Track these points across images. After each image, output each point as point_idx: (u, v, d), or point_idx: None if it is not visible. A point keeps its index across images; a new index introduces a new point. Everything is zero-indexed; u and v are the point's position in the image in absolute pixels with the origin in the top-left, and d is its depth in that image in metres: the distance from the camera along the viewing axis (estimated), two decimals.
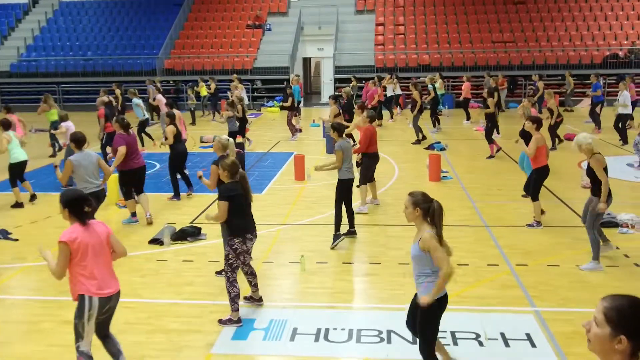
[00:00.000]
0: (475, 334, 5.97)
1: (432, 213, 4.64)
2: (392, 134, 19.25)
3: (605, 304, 2.41)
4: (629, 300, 2.38)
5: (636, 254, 8.04)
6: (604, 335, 2.37)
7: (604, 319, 2.37)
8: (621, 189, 11.69)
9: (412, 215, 4.70)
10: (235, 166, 6.30)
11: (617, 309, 2.36)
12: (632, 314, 2.34)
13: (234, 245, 6.19)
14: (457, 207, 10.48)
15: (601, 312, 2.40)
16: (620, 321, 2.33)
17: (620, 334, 2.32)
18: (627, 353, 2.33)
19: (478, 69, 26.87)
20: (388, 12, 30.69)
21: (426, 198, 4.69)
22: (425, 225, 4.66)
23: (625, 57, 26.42)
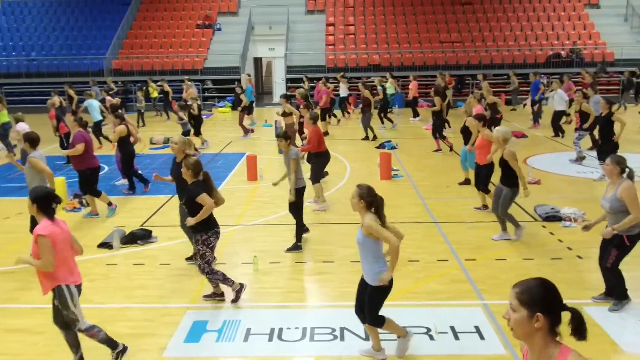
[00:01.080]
0: (426, 328, 6.09)
1: (376, 206, 5.10)
2: (344, 133, 19.38)
3: (516, 289, 2.60)
4: (536, 281, 2.60)
5: (579, 247, 8.34)
6: (523, 318, 2.55)
7: (518, 303, 2.56)
8: (564, 184, 12.12)
9: (357, 206, 5.14)
10: (199, 165, 6.52)
11: (527, 291, 2.56)
12: (541, 291, 2.55)
13: (210, 244, 6.52)
14: (407, 204, 10.65)
15: (515, 297, 2.58)
16: (533, 300, 2.53)
17: (535, 312, 2.52)
18: (546, 329, 2.54)
19: (427, 68, 27.35)
20: (338, 12, 30.89)
21: (371, 192, 5.13)
22: (368, 214, 5.09)
23: (567, 57, 27.31)
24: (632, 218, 5.84)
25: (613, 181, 6.08)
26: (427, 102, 25.12)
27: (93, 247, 8.76)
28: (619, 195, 5.90)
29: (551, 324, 2.54)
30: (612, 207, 6.00)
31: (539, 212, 9.83)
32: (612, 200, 5.99)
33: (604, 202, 6.16)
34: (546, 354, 2.56)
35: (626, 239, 6.00)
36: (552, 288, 2.58)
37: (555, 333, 2.57)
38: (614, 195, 5.96)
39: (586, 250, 8.16)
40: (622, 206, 5.91)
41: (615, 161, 6.05)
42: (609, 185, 6.17)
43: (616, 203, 5.94)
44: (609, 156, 6.26)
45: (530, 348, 2.62)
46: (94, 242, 8.95)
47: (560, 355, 2.52)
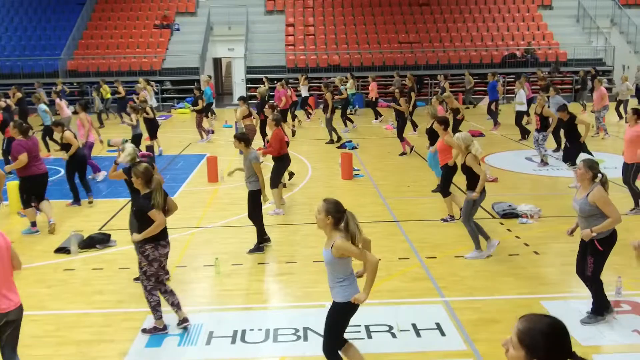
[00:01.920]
0: (388, 326, 6.16)
1: (346, 223, 4.59)
2: (306, 134, 19.41)
3: (519, 326, 2.42)
4: (542, 324, 2.39)
5: (535, 242, 8.55)
6: (519, 358, 2.40)
7: (518, 342, 2.40)
8: (521, 181, 12.40)
9: (322, 222, 4.64)
10: (149, 172, 5.97)
11: (529, 334, 2.38)
12: (546, 338, 2.36)
13: (145, 252, 5.94)
14: (368, 203, 10.73)
15: (516, 334, 2.42)
16: (533, 346, 2.36)
17: (534, 357, 2.36)
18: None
19: (386, 69, 27.60)
20: (298, 13, 30.91)
21: (339, 207, 4.63)
22: (336, 232, 4.61)
23: (522, 57, 27.93)
24: (611, 221, 5.80)
25: (584, 185, 6.00)
26: (386, 102, 25.38)
27: (50, 253, 8.56)
28: (590, 200, 5.83)
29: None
30: (582, 209, 5.95)
31: (496, 210, 10.03)
32: (582, 203, 5.93)
33: (574, 204, 6.12)
34: None
35: (597, 244, 5.91)
36: (559, 335, 2.37)
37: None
38: (585, 199, 5.90)
39: (542, 246, 8.37)
40: (592, 210, 5.86)
41: (588, 166, 5.97)
42: (580, 189, 6.10)
43: (586, 207, 5.88)
44: (579, 159, 6.17)
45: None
46: (51, 247, 8.75)
47: None
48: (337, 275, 4.73)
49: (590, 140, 16.45)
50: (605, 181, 5.95)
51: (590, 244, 5.96)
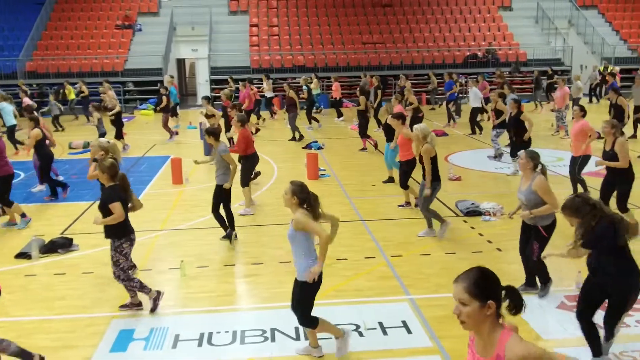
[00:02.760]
0: (355, 325, 6.19)
1: (309, 203, 5.12)
2: (271, 134, 19.38)
3: (464, 284, 2.74)
4: (476, 272, 2.76)
5: (498, 239, 8.70)
6: (475, 310, 2.70)
7: (469, 297, 2.71)
8: (483, 179, 12.60)
9: (289, 202, 5.13)
10: (115, 167, 6.33)
11: (476, 283, 2.72)
12: (486, 281, 2.74)
13: (123, 251, 6.32)
14: (334, 203, 10.77)
15: (464, 292, 2.72)
16: (483, 291, 2.70)
17: (486, 301, 2.69)
18: (494, 314, 2.73)
19: (351, 69, 27.75)
20: (262, 13, 30.82)
21: (304, 189, 5.14)
22: (299, 209, 5.10)
23: (483, 57, 28.39)
24: (548, 207, 6.22)
25: (527, 175, 6.44)
26: (351, 102, 25.50)
27: (10, 258, 8.36)
28: (534, 188, 6.26)
29: (497, 308, 2.74)
30: (527, 199, 6.36)
31: (460, 208, 10.18)
32: (527, 193, 6.36)
33: (520, 195, 6.54)
34: (491, 338, 2.74)
35: (542, 230, 6.37)
36: (493, 274, 2.76)
37: (499, 316, 2.76)
38: (529, 189, 6.33)
39: (505, 242, 8.52)
40: (537, 198, 6.27)
41: (529, 156, 6.43)
42: (523, 179, 6.53)
43: (531, 195, 6.30)
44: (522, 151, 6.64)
45: (479, 336, 2.79)
46: (12, 252, 8.54)
47: (501, 339, 2.71)
48: (299, 250, 5.16)
49: (550, 139, 16.87)
50: (545, 171, 6.41)
51: (535, 230, 6.42)
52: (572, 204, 5.02)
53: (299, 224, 5.04)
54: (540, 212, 6.26)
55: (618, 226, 4.88)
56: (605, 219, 4.92)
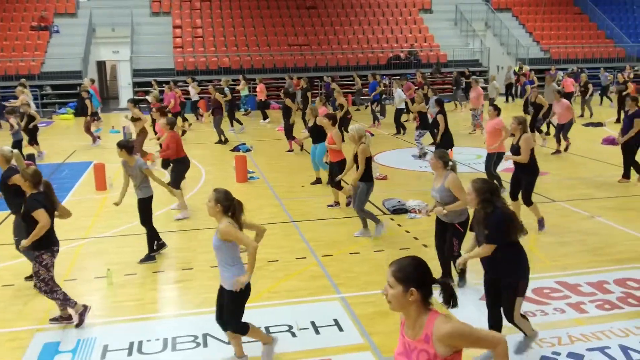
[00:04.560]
0: (287, 326, 6.24)
1: (233, 210, 5.01)
2: (198, 137, 19.13)
3: (392, 268, 2.94)
4: (408, 259, 2.97)
5: (424, 236, 8.96)
6: (399, 293, 2.89)
7: (394, 280, 2.90)
8: (408, 178, 12.94)
9: (213, 210, 5.01)
10: (38, 175, 6.11)
11: (402, 269, 2.91)
12: (414, 269, 2.92)
13: (43, 262, 6.07)
14: (264, 205, 10.79)
15: (391, 275, 2.92)
16: (407, 277, 2.89)
17: (410, 287, 2.87)
18: (419, 300, 2.90)
19: (277, 71, 27.79)
20: (185, 15, 30.33)
21: (228, 196, 5.03)
22: (224, 219, 4.98)
23: (406, 59, 29.09)
24: (461, 203, 6.49)
25: (439, 174, 6.73)
26: (278, 104, 25.55)
27: None
28: (447, 186, 6.55)
29: (423, 296, 2.90)
30: (441, 197, 6.64)
31: (386, 206, 10.42)
32: (440, 190, 6.63)
33: (434, 194, 6.80)
34: (419, 321, 2.92)
35: (459, 226, 6.66)
36: (423, 265, 2.94)
37: (428, 303, 2.93)
38: (442, 186, 6.61)
39: (431, 239, 8.71)
40: (450, 196, 6.56)
41: (438, 156, 6.73)
42: (436, 178, 6.80)
43: (445, 193, 6.59)
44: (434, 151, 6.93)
45: (407, 318, 2.98)
46: None
47: (429, 320, 2.89)
48: (224, 260, 5.07)
49: (467, 137, 17.50)
50: (455, 168, 6.71)
51: (451, 227, 6.70)
52: (476, 185, 5.21)
53: (225, 234, 4.93)
54: (453, 207, 6.53)
55: (511, 222, 5.08)
56: (501, 209, 5.11)
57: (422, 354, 2.88)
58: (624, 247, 8.36)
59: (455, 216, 6.67)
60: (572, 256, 7.94)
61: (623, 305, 6.55)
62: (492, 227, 5.08)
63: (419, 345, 2.90)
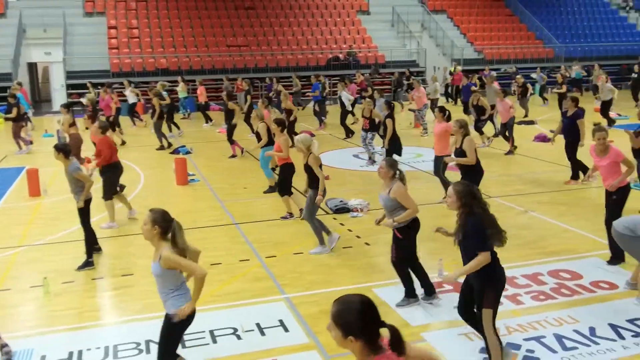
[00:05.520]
0: (233, 329, 6.20)
1: (173, 233, 4.59)
2: (135, 140, 18.73)
3: (333, 309, 2.68)
4: (352, 303, 2.66)
5: (366, 234, 9.08)
6: (339, 337, 2.67)
7: (333, 324, 2.67)
8: (350, 177, 13.08)
9: (149, 233, 4.57)
10: None
11: (340, 314, 2.65)
12: (355, 316, 2.63)
13: None
14: (206, 208, 10.68)
15: (331, 317, 2.67)
16: (347, 324, 2.64)
17: (348, 335, 2.63)
18: (363, 349, 2.65)
19: (216, 72, 27.49)
20: (120, 15, 29.61)
21: (166, 217, 4.60)
22: (163, 243, 4.58)
23: (345, 60, 29.36)
24: (409, 212, 6.37)
25: (386, 182, 6.54)
26: (219, 105, 25.31)
27: None
28: (392, 195, 6.39)
29: (366, 342, 2.64)
30: (386, 205, 6.53)
31: (329, 205, 10.49)
32: (386, 199, 6.49)
33: (380, 200, 6.66)
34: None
35: (397, 233, 6.51)
36: (366, 311, 2.65)
37: (376, 345, 2.66)
38: (387, 195, 6.46)
39: (373, 237, 8.91)
40: (394, 205, 6.43)
41: (389, 164, 6.55)
42: (383, 186, 6.64)
43: (389, 202, 6.45)
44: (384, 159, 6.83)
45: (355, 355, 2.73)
46: None
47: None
48: (167, 286, 4.69)
49: (410, 137, 17.81)
50: (403, 177, 6.56)
51: (393, 234, 6.56)
52: (457, 188, 5.05)
53: (168, 263, 4.51)
54: (402, 219, 6.38)
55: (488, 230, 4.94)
56: (482, 214, 4.97)
57: None
58: (556, 239, 8.72)
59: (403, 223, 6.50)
60: (508, 250, 8.16)
61: (557, 295, 6.84)
62: (476, 233, 4.92)
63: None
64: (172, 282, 4.67)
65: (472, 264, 4.95)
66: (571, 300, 6.70)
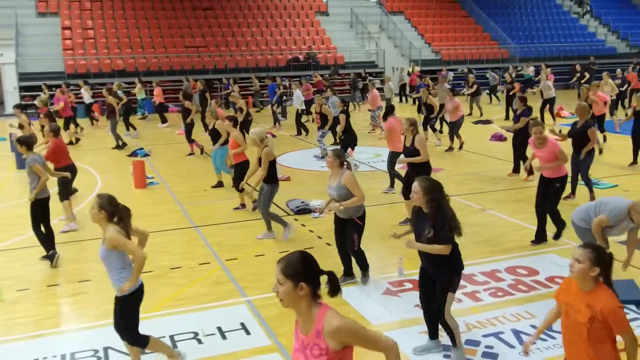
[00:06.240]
0: (193, 333, 6.14)
1: (119, 216, 4.83)
2: (92, 142, 18.37)
3: (280, 265, 2.97)
4: (295, 254, 3.02)
5: (327, 234, 9.07)
6: (289, 289, 2.92)
7: (284, 277, 2.93)
8: (311, 178, 13.10)
9: (97, 217, 4.81)
10: None
11: (290, 265, 2.95)
12: (302, 264, 2.96)
13: None
14: (165, 211, 10.54)
15: (280, 272, 2.94)
16: (296, 272, 2.93)
17: (299, 282, 2.92)
18: (309, 295, 2.95)
19: (174, 73, 27.20)
20: (74, 16, 28.98)
21: (113, 202, 4.84)
22: (110, 225, 4.80)
23: (304, 60, 29.38)
24: (356, 199, 6.76)
25: (335, 172, 6.95)
26: (177, 106, 25.05)
27: None
28: (343, 182, 6.77)
29: (313, 290, 2.95)
30: (338, 194, 6.84)
31: (290, 207, 10.49)
32: (337, 188, 6.84)
33: (331, 192, 6.99)
34: (310, 315, 2.96)
35: (358, 220, 6.92)
36: (309, 258, 3.00)
37: (317, 296, 2.98)
38: (339, 184, 6.82)
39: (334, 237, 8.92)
40: (346, 193, 6.78)
41: (336, 155, 6.93)
42: (332, 177, 7.01)
43: (341, 190, 6.80)
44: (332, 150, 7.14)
45: (298, 314, 3.01)
46: None
47: (319, 314, 2.94)
48: (114, 266, 4.89)
49: (367, 137, 17.97)
50: (350, 167, 6.99)
51: (351, 222, 6.93)
52: (423, 183, 5.12)
53: (112, 242, 4.74)
54: (349, 204, 6.75)
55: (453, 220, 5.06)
56: (446, 208, 5.08)
57: (314, 348, 2.94)
58: (513, 236, 8.91)
59: (353, 212, 6.88)
60: (467, 248, 8.33)
61: (514, 291, 6.99)
62: (441, 227, 5.03)
63: (312, 340, 2.95)
64: (119, 262, 4.87)
65: (433, 248, 5.08)
66: (528, 296, 6.86)
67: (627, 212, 6.22)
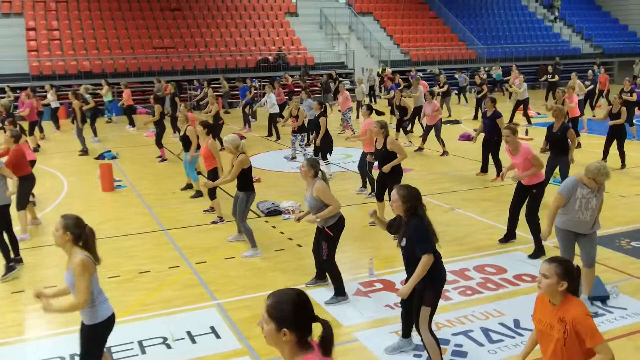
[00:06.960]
0: (162, 338, 6.06)
1: (85, 239, 4.43)
2: (58, 146, 18.04)
3: (268, 302, 2.67)
4: (288, 295, 2.67)
5: (298, 236, 9.09)
6: (272, 330, 2.63)
7: (268, 317, 2.64)
8: (281, 179, 13.05)
9: (61, 240, 4.38)
10: None
11: (278, 306, 2.63)
12: (290, 308, 2.62)
13: None
14: (133, 214, 10.39)
15: (265, 310, 2.65)
16: (282, 317, 2.61)
17: (282, 327, 2.60)
18: (293, 341, 2.62)
19: (142, 74, 26.86)
20: (39, 16, 28.40)
21: (79, 223, 4.44)
22: (77, 250, 4.39)
23: (274, 61, 29.30)
24: (331, 209, 6.53)
25: (308, 182, 6.71)
26: (146, 108, 24.76)
27: None
28: (315, 194, 6.54)
29: (299, 337, 2.62)
30: (311, 205, 6.66)
31: (261, 208, 10.44)
32: (310, 200, 6.64)
33: (306, 202, 6.81)
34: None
35: (328, 230, 6.67)
36: (302, 304, 2.65)
37: (306, 343, 2.65)
38: (311, 195, 6.61)
39: (305, 238, 8.93)
40: (319, 204, 6.56)
41: (310, 164, 6.69)
42: (307, 187, 6.78)
43: (313, 202, 6.59)
44: (306, 159, 6.98)
45: (282, 356, 2.70)
46: None
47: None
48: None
49: (339, 138, 17.99)
50: (325, 177, 6.77)
51: (322, 231, 6.74)
52: (401, 192, 5.04)
53: (77, 269, 4.27)
54: (324, 215, 6.53)
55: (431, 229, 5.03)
56: (423, 217, 5.04)
57: None
58: (481, 235, 9.01)
59: (327, 220, 6.66)
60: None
61: (483, 290, 7.06)
62: (421, 236, 4.97)
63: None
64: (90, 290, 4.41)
65: (419, 270, 4.94)
66: (496, 294, 6.93)
67: (575, 181, 6.16)
